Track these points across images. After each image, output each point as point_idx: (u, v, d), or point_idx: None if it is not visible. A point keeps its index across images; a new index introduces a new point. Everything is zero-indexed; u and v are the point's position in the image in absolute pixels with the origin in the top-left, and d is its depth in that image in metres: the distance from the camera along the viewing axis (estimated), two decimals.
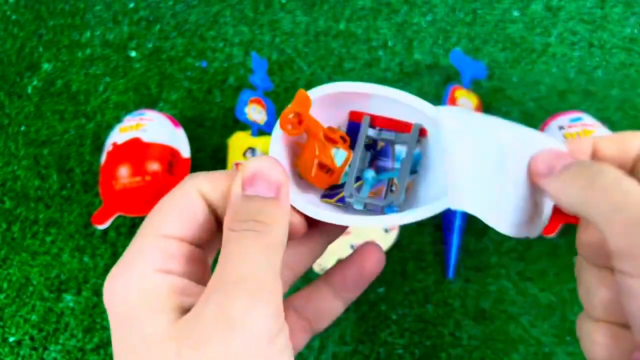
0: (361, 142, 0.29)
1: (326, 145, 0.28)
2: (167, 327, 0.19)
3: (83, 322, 0.52)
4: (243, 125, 0.60)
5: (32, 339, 0.52)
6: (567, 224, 0.48)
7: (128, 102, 0.64)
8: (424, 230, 0.54)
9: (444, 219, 0.53)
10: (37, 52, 0.68)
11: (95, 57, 0.67)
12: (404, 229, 0.53)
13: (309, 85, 0.63)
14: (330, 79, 0.63)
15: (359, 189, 0.28)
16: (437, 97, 0.61)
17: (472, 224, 0.53)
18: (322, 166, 0.28)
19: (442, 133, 0.26)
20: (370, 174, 0.29)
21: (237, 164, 0.55)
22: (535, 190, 0.25)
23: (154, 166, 0.52)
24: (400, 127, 0.29)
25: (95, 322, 0.52)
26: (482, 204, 0.25)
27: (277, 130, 0.27)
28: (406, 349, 0.48)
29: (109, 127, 0.61)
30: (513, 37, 0.65)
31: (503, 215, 0.25)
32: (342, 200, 0.28)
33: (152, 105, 0.63)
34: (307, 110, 0.29)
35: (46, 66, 0.67)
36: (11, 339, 0.52)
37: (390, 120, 0.29)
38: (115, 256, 0.55)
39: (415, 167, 0.28)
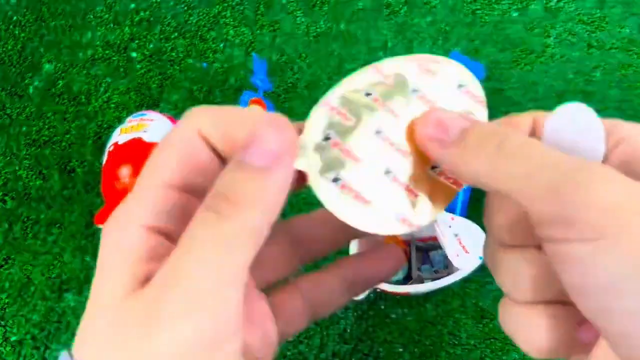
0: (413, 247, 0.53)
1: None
2: (113, 302, 0.17)
3: None
4: None
5: (33, 338, 0.52)
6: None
7: (129, 103, 0.64)
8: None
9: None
10: (39, 53, 0.68)
11: (97, 58, 0.68)
12: None
13: (309, 86, 0.64)
14: (330, 80, 0.63)
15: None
16: None
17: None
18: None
19: None
20: (426, 267, 0.53)
21: None
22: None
23: None
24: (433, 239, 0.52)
25: None
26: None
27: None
28: (405, 348, 0.48)
29: (110, 128, 0.62)
30: (512, 37, 0.65)
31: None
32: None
33: (153, 105, 0.63)
34: None
35: (47, 67, 0.67)
36: (13, 339, 0.52)
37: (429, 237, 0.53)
38: None
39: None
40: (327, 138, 0.20)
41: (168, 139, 0.20)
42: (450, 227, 0.49)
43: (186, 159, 0.19)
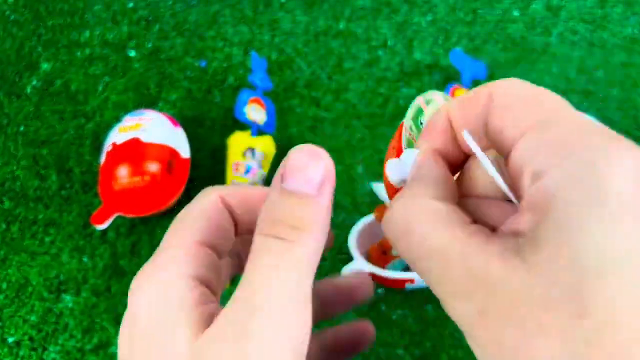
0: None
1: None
2: (187, 346, 0.18)
3: (82, 323, 0.52)
4: (242, 125, 0.60)
5: (31, 339, 0.51)
6: None
7: (127, 102, 0.63)
8: None
9: None
10: (36, 52, 0.68)
11: (95, 57, 0.67)
12: None
13: (308, 85, 0.63)
14: (330, 79, 0.63)
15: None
16: None
17: None
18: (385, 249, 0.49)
19: None
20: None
21: (236, 164, 0.55)
22: None
23: (153, 166, 0.52)
24: None
25: (94, 322, 0.51)
26: None
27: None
28: (406, 350, 0.48)
29: (109, 127, 0.61)
30: (513, 36, 0.65)
31: None
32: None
33: (151, 105, 0.63)
34: None
35: (45, 66, 0.67)
36: (10, 340, 0.52)
37: None
38: (114, 256, 0.54)
39: None
40: None
41: (193, 206, 0.22)
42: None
43: (212, 222, 0.21)
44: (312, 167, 0.19)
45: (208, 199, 0.22)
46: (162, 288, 0.19)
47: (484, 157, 0.17)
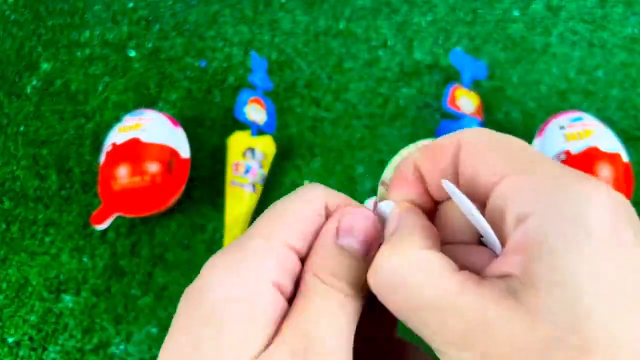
0: None
1: None
2: None
3: (82, 323, 0.51)
4: (242, 125, 0.60)
5: (31, 339, 0.51)
6: None
7: (127, 102, 0.63)
8: None
9: None
10: (36, 52, 0.68)
11: (95, 57, 0.67)
12: None
13: (308, 85, 0.63)
14: (330, 79, 0.63)
15: None
16: (437, 97, 0.61)
17: None
18: None
19: None
20: None
21: (236, 164, 0.55)
22: None
23: (153, 166, 0.52)
24: None
25: (94, 322, 0.51)
26: None
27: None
28: None
29: (109, 127, 0.61)
30: (513, 36, 0.65)
31: None
32: None
33: (151, 105, 0.63)
34: None
35: (45, 66, 0.67)
36: (10, 340, 0.52)
37: None
38: (114, 256, 0.54)
39: None
40: None
41: (297, 203, 0.21)
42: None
43: (309, 229, 0.20)
44: (364, 229, 0.20)
45: (315, 201, 0.21)
46: (242, 287, 0.19)
47: (470, 205, 0.18)
